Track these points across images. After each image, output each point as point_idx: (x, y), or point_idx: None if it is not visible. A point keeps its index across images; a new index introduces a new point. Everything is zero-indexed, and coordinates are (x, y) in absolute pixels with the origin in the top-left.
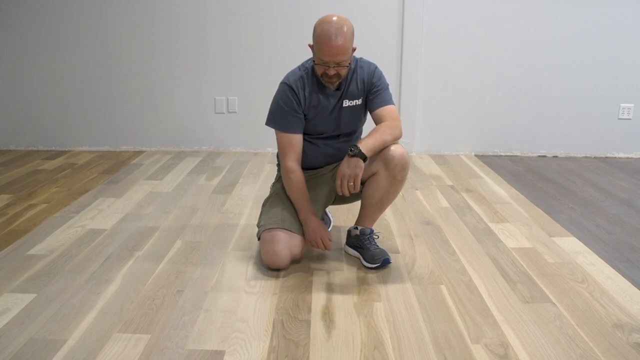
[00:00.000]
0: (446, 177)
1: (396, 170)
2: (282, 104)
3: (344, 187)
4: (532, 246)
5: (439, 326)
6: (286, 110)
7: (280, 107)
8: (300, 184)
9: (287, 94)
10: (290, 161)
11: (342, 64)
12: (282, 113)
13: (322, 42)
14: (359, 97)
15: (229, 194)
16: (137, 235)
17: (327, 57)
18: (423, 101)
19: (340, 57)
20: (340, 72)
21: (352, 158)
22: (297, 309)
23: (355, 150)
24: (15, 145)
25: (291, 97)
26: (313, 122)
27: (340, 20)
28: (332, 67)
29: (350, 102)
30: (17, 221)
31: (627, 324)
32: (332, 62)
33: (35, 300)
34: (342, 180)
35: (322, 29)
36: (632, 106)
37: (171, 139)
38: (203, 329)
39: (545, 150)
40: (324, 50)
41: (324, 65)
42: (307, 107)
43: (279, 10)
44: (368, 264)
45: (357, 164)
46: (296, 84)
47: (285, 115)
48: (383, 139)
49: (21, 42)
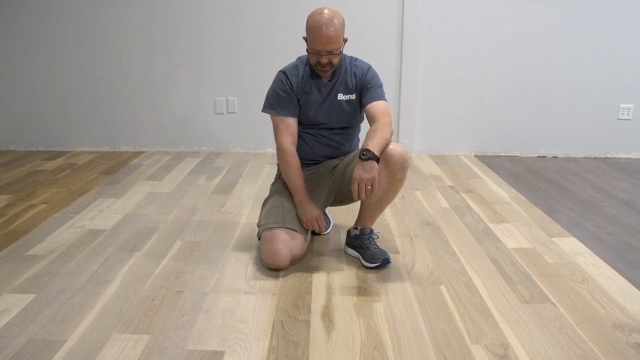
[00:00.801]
0: (446, 178)
1: (396, 168)
2: (277, 88)
3: (362, 191)
4: (531, 246)
5: (439, 326)
6: (280, 94)
7: (275, 91)
8: (296, 167)
9: (280, 79)
10: (286, 143)
11: (333, 52)
12: (276, 97)
13: (314, 32)
14: (353, 92)
15: (228, 194)
16: (137, 236)
17: (319, 45)
18: (423, 101)
19: (331, 45)
20: (332, 60)
21: (367, 162)
22: (296, 309)
23: (369, 154)
24: (15, 145)
25: (284, 82)
26: (305, 109)
27: (330, 12)
28: (324, 56)
29: (345, 96)
30: (17, 221)
31: (627, 324)
32: (324, 51)
33: (35, 300)
34: (359, 185)
35: (314, 20)
36: (632, 106)
37: (171, 140)
38: (203, 329)
39: (545, 150)
40: (316, 40)
41: (317, 54)
42: (299, 92)
43: (279, 11)
44: (368, 264)
45: (373, 166)
46: (290, 71)
47: (279, 99)
48: (385, 137)
49: (21, 42)
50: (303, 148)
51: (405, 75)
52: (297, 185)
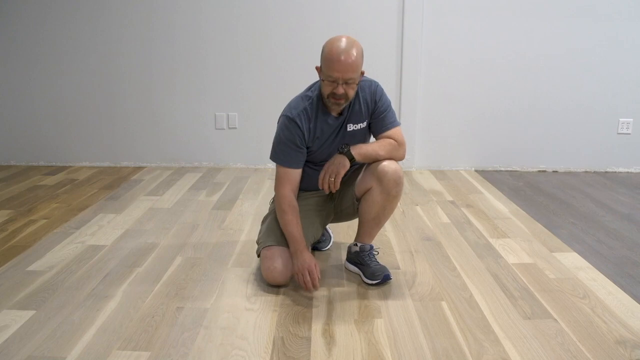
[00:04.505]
0: (446, 193)
1: (390, 185)
2: (284, 138)
3: (325, 182)
4: (532, 262)
5: (440, 343)
6: (288, 144)
7: (282, 141)
8: (293, 215)
9: (289, 128)
10: (285, 190)
11: (350, 82)
12: (283, 148)
13: (331, 58)
14: (363, 120)
15: (229, 210)
16: (137, 252)
17: (336, 73)
18: (423, 116)
19: (350, 74)
20: (348, 91)
21: (339, 155)
22: (297, 326)
23: (345, 149)
24: (15, 160)
25: (294, 132)
26: (315, 154)
27: (350, 40)
28: (341, 85)
29: (355, 126)
30: (17, 237)
31: (630, 340)
32: (342, 79)
33: (35, 317)
34: (324, 174)
35: (332, 45)
36: (631, 121)
37: (171, 155)
38: (203, 346)
39: (545, 165)
40: (333, 66)
41: (333, 82)
42: (310, 139)
43: (279, 26)
44: (368, 281)
45: (342, 162)
46: (299, 117)
47: (287, 149)
48: (377, 152)
49: (22, 58)
50: (309, 180)
51: (405, 91)
52: (293, 233)
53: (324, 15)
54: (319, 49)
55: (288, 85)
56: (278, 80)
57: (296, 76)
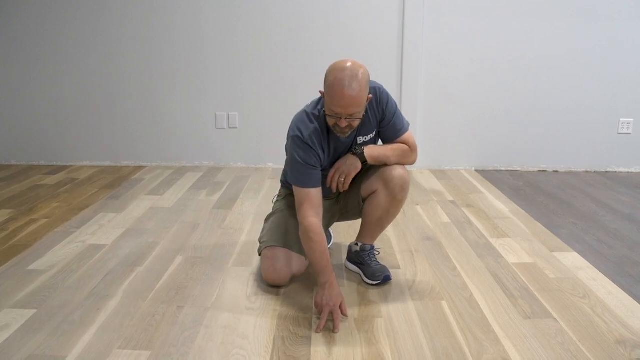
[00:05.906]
0: (447, 192)
1: (396, 190)
2: (300, 159)
3: (334, 181)
4: (533, 261)
5: (440, 342)
6: (304, 165)
7: (298, 162)
8: (322, 245)
9: (304, 149)
10: (310, 217)
11: (355, 116)
12: (300, 169)
13: (334, 91)
14: (372, 130)
15: (229, 209)
16: (138, 251)
17: (338, 108)
18: (423, 116)
19: (353, 109)
20: (353, 124)
21: (352, 156)
22: (297, 325)
23: (359, 150)
24: (16, 160)
25: (309, 153)
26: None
27: (354, 69)
28: (344, 119)
29: (365, 138)
30: (18, 236)
31: (630, 340)
32: (345, 114)
33: (35, 316)
34: (334, 173)
35: (335, 76)
36: (632, 121)
37: (172, 155)
38: (203, 345)
39: (546, 164)
40: (335, 101)
41: (335, 116)
42: (325, 158)
43: (279, 26)
44: (369, 281)
45: (354, 163)
46: (311, 138)
47: (304, 170)
48: (388, 157)
49: (22, 58)
50: None
51: (405, 90)
52: (322, 264)
53: (324, 15)
54: (319, 49)
55: (288, 85)
56: (278, 80)
57: (296, 76)
